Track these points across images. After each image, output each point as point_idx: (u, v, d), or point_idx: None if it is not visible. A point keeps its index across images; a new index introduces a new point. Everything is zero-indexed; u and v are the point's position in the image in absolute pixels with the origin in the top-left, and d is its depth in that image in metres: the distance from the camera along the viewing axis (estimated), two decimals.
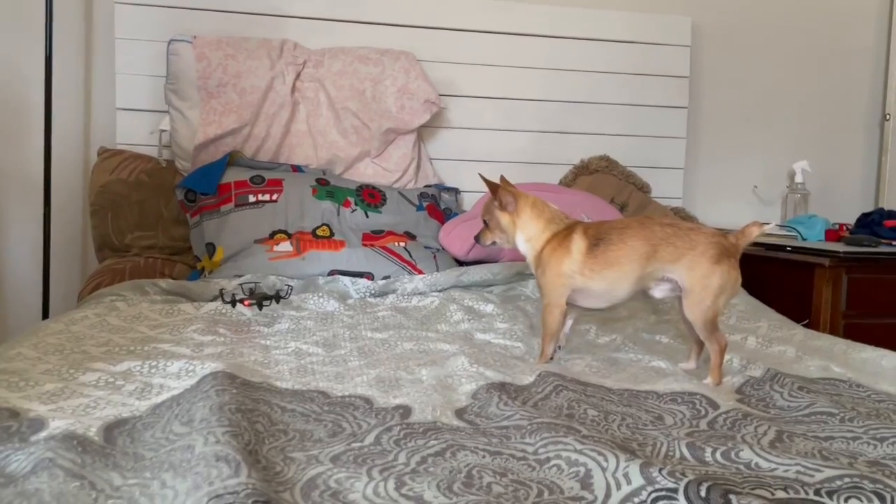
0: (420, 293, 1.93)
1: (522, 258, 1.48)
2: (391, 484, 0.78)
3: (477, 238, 1.51)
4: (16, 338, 1.39)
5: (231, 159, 2.16)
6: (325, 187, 2.17)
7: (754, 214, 2.81)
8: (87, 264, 2.36)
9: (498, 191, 1.42)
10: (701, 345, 1.42)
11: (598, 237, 1.36)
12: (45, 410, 0.97)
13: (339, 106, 2.29)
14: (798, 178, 2.71)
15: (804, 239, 2.49)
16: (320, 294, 1.83)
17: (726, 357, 1.42)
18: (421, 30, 2.50)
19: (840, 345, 1.59)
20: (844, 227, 2.55)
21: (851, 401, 1.18)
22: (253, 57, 2.24)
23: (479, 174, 1.53)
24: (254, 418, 0.95)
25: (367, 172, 2.35)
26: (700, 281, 1.31)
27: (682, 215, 2.64)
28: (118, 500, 0.73)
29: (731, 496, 0.72)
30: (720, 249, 1.32)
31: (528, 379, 1.24)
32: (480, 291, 2.00)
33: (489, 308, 1.81)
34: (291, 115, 2.27)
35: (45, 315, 2.16)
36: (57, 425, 0.90)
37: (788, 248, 2.26)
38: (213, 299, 1.78)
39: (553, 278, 1.38)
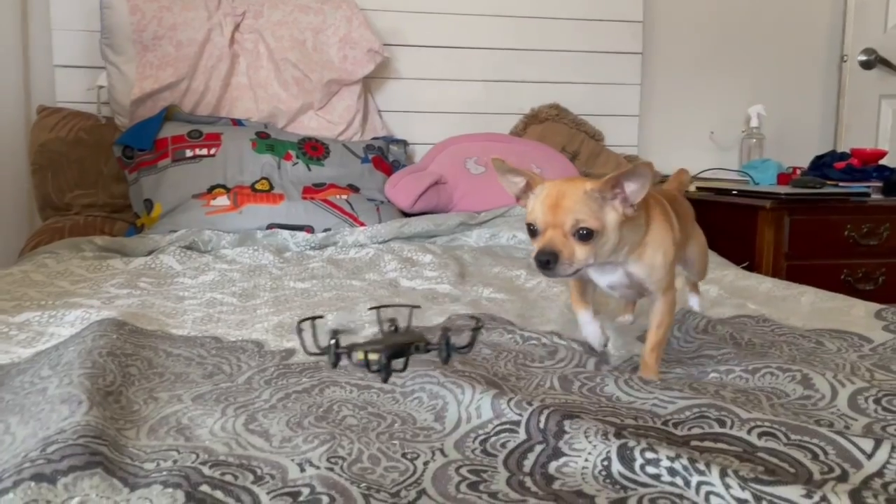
0: (360, 245, 1.93)
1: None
2: (241, 420, 0.79)
3: (550, 268, 0.89)
4: None
5: (168, 114, 2.13)
6: (265, 140, 2.15)
7: (712, 160, 2.79)
8: (35, 225, 2.34)
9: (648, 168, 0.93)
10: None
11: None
12: None
13: (278, 57, 2.26)
14: (753, 123, 2.68)
15: (756, 183, 2.48)
16: (256, 248, 1.83)
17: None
18: None
19: (766, 283, 1.59)
20: (798, 171, 2.54)
21: (751, 334, 1.18)
22: (189, 8, 2.20)
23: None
24: (129, 362, 0.95)
25: (310, 125, 2.32)
26: None
27: (637, 163, 2.62)
28: None
29: (566, 421, 0.73)
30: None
31: (437, 320, 1.24)
32: (422, 242, 2.00)
33: (427, 258, 1.80)
34: (231, 68, 2.24)
35: None
36: None
37: (734, 192, 2.25)
38: (148, 254, 1.78)
39: (670, 253, 1.01)
